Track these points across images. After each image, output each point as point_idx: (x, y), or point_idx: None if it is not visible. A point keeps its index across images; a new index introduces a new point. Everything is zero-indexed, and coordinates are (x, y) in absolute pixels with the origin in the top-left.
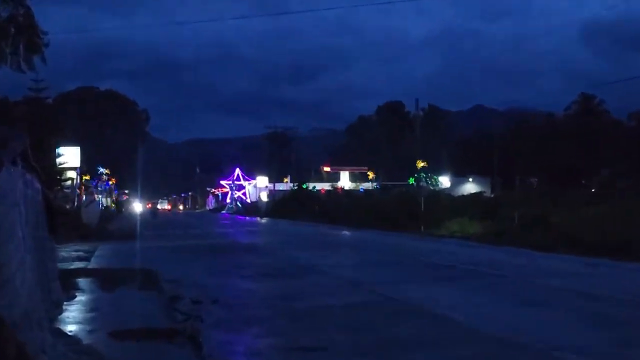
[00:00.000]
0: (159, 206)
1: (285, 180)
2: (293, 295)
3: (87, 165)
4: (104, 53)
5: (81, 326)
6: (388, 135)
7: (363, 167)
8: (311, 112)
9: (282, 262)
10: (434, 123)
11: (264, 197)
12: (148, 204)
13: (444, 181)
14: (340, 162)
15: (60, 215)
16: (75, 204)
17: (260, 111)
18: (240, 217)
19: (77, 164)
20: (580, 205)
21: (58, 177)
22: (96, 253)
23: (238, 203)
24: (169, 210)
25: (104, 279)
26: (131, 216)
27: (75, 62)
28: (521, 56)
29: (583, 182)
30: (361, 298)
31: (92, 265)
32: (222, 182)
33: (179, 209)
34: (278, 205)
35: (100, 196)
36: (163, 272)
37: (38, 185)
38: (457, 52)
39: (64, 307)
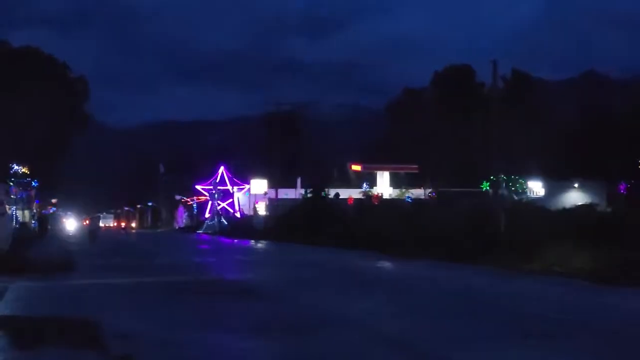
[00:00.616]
0: (101, 223)
1: (295, 185)
2: None
3: None
4: None
5: None
6: (449, 117)
7: (411, 166)
8: (334, 81)
9: (289, 310)
10: (520, 99)
11: (262, 209)
12: (85, 220)
13: (536, 187)
14: (377, 158)
15: None
16: None
17: (258, 81)
18: (226, 240)
19: None
20: None
21: None
22: (7, 294)
23: (222, 219)
24: (119, 228)
25: (19, 333)
26: (62, 237)
27: None
28: None
29: None
30: None
31: (1, 311)
32: (199, 188)
33: (130, 227)
34: (283, 221)
35: (13, 207)
36: (109, 322)
37: None
38: None
39: None
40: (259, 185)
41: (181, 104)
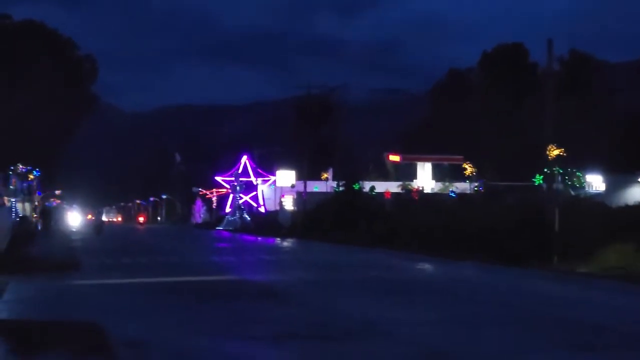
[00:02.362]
0: (104, 217)
1: (325, 176)
2: None
3: None
4: None
5: None
6: (499, 102)
7: (456, 156)
8: (369, 62)
9: (318, 316)
10: (580, 81)
11: (289, 203)
12: (89, 215)
13: (595, 182)
14: (417, 148)
15: None
16: None
17: (285, 62)
18: (248, 237)
19: None
20: None
21: None
22: (5, 295)
23: (245, 214)
24: (139, 224)
25: (19, 339)
26: (66, 233)
27: None
28: None
29: None
30: None
31: None
32: (219, 179)
33: (140, 222)
34: (312, 218)
35: (13, 200)
36: (118, 328)
37: None
38: None
39: None
40: (285, 177)
41: (199, 86)
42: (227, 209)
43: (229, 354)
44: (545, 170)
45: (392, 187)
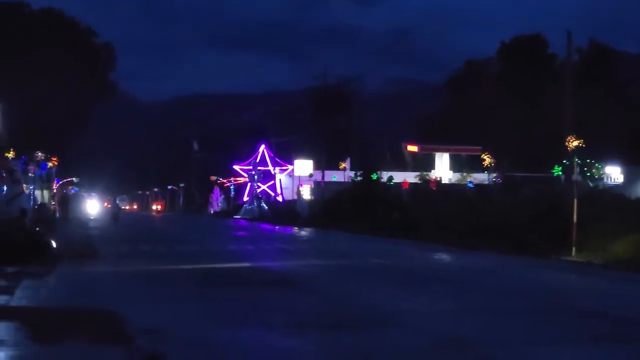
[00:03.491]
0: (121, 204)
1: (343, 166)
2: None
3: (10, 134)
4: None
5: None
6: (518, 93)
7: (474, 147)
8: (386, 52)
9: (336, 305)
10: (600, 73)
11: (307, 193)
12: (105, 203)
13: (614, 173)
14: (435, 138)
15: None
16: None
17: (302, 51)
18: (266, 226)
19: None
20: None
21: None
22: (24, 282)
23: (263, 202)
24: (156, 212)
25: (38, 326)
26: (85, 221)
27: None
28: None
29: None
30: None
31: (16, 301)
32: (237, 168)
33: (157, 210)
34: (329, 206)
35: (31, 187)
36: (135, 316)
37: None
38: None
39: None
40: (303, 167)
41: (214, 74)
42: (245, 198)
43: (244, 342)
44: (564, 161)
45: (410, 177)
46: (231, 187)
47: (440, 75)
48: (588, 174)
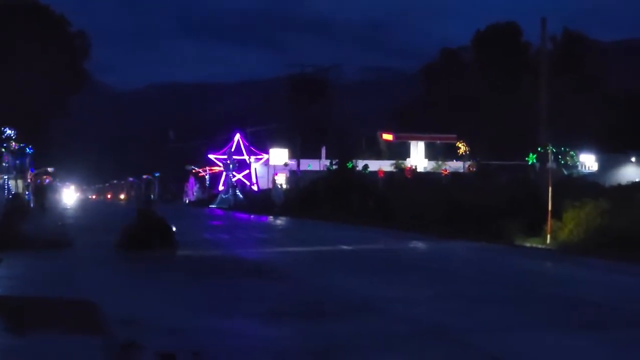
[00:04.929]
0: (92, 195)
1: (319, 155)
2: (331, 351)
3: None
4: None
5: None
6: (492, 81)
7: (449, 135)
8: (362, 41)
9: (312, 293)
10: (573, 61)
11: (282, 181)
12: (92, 194)
13: (588, 161)
14: (410, 127)
15: None
16: None
17: (276, 39)
18: (241, 215)
19: None
20: None
21: None
22: None
23: (238, 191)
24: (125, 201)
25: (11, 315)
26: (59, 211)
27: None
28: None
29: None
30: (448, 358)
31: None
32: (212, 157)
33: (122, 198)
34: (305, 196)
35: (5, 177)
36: (112, 305)
37: None
38: None
39: None
40: (278, 156)
41: (190, 64)
42: (220, 187)
43: (220, 331)
44: (539, 149)
45: (385, 165)
46: (206, 177)
47: (416, 64)
48: (562, 162)
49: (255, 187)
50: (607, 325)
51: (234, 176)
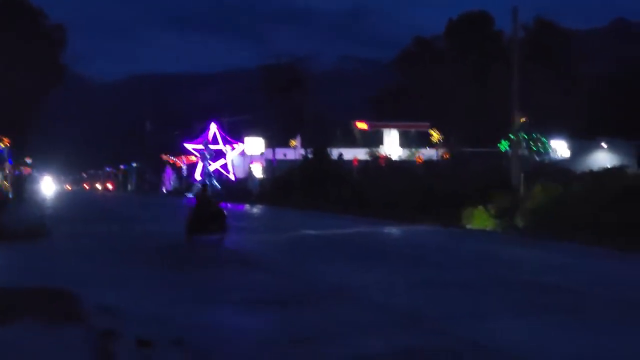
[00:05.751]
0: (68, 186)
1: (293, 143)
2: (308, 337)
3: None
4: None
5: None
6: (465, 70)
7: (422, 123)
8: (337, 30)
9: (289, 281)
10: (545, 49)
11: (258, 171)
12: (67, 185)
13: (560, 148)
14: (385, 115)
15: None
16: None
17: (254, 30)
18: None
19: None
20: None
21: None
22: None
23: (214, 181)
24: (103, 191)
25: None
26: (38, 202)
27: None
28: None
29: None
30: (421, 343)
31: None
32: (189, 147)
33: (104, 189)
34: (281, 184)
35: None
36: (91, 294)
37: None
38: None
39: None
40: (254, 145)
41: (168, 54)
42: (197, 177)
43: (200, 317)
44: (511, 136)
45: (360, 154)
46: (183, 167)
47: (391, 53)
48: (534, 149)
49: (232, 176)
50: (581, 311)
51: (210, 165)
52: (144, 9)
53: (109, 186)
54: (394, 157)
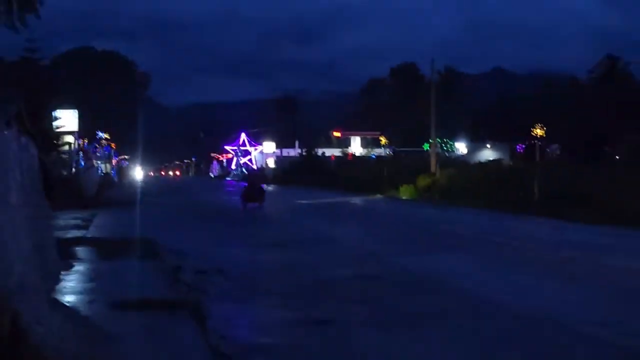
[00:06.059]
0: (151, 173)
1: (294, 146)
2: (303, 266)
3: (85, 129)
4: (101, 11)
5: (79, 297)
6: (402, 99)
7: (375, 132)
8: (321, 74)
9: (288, 232)
10: (450, 86)
11: (271, 163)
12: (151, 172)
13: (461, 147)
14: (351, 127)
15: (57, 181)
16: (73, 169)
17: (268, 73)
18: (245, 184)
19: (75, 127)
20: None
21: (55, 141)
22: (95, 221)
23: (244, 169)
24: (174, 176)
25: (104, 249)
26: (132, 183)
27: (72, 21)
28: (544, 15)
29: (607, 149)
30: (374, 272)
31: (90, 233)
32: (227, 148)
33: (176, 174)
34: (286, 171)
35: (99, 162)
36: (166, 242)
37: (34, 150)
38: (475, 10)
39: (61, 277)
40: (269, 146)
41: (214, 90)
42: (232, 167)
43: (234, 255)
44: (430, 140)
45: (336, 152)
46: (224, 160)
47: (355, 88)
48: (445, 148)
49: (255, 167)
50: (468, 247)
51: (241, 159)
52: (200, 59)
53: (177, 173)
54: (357, 154)
